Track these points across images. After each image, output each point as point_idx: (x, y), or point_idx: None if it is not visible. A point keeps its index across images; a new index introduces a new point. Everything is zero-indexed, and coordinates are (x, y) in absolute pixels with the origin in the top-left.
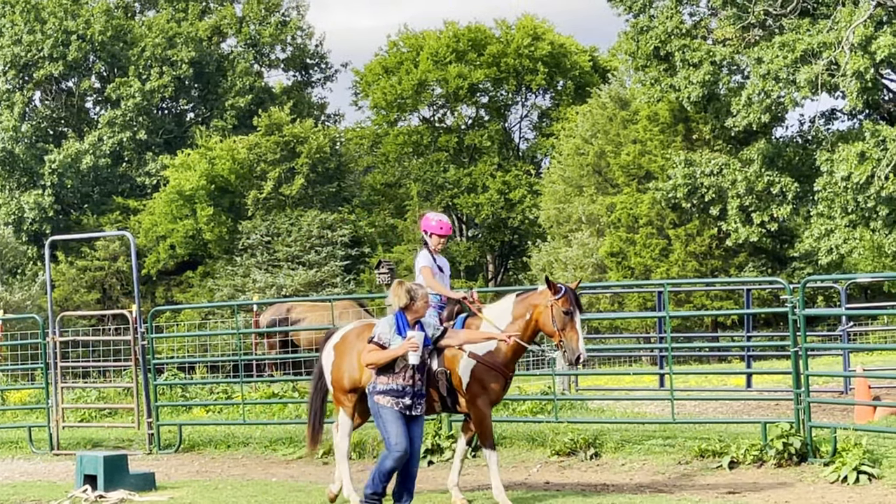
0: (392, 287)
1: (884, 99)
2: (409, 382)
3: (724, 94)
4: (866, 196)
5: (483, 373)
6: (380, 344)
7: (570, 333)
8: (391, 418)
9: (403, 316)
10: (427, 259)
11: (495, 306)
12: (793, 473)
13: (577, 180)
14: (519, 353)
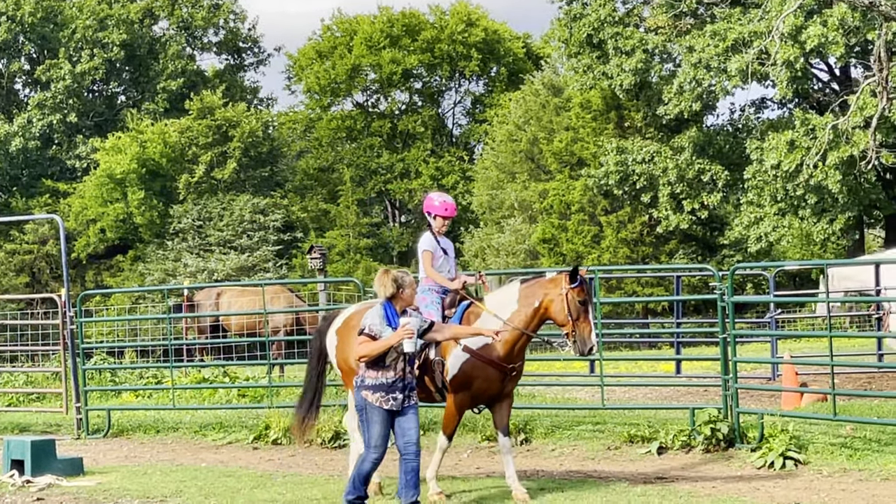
0: (377, 276)
1: (813, 88)
2: (399, 375)
3: (656, 82)
4: (795, 184)
5: (473, 368)
6: (370, 335)
7: (584, 324)
8: (377, 418)
9: (391, 306)
10: (429, 242)
11: (499, 293)
12: (720, 459)
13: (510, 167)
14: (524, 343)
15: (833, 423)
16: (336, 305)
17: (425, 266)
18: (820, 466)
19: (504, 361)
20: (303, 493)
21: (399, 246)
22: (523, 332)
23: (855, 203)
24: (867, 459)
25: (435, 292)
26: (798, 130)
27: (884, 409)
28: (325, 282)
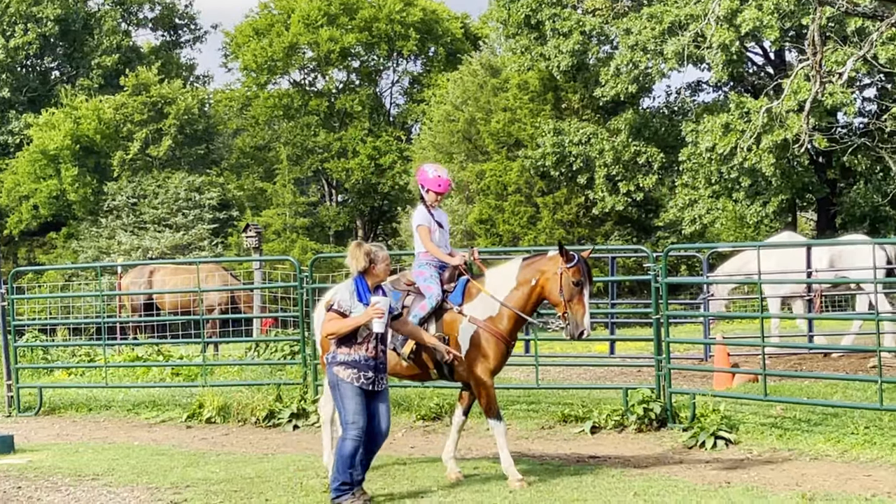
0: (350, 249)
1: (748, 71)
2: (371, 354)
3: (593, 64)
4: (729, 167)
5: (483, 339)
6: (340, 312)
7: (577, 306)
8: (350, 394)
9: (363, 281)
10: (423, 216)
11: (499, 270)
12: (652, 438)
13: (448, 147)
14: (519, 323)
15: (763, 404)
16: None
17: (424, 240)
18: (750, 446)
19: (507, 335)
20: (236, 471)
21: (336, 225)
22: (518, 314)
23: (788, 186)
24: (796, 439)
25: (433, 266)
26: (733, 114)
27: (813, 390)
28: (260, 260)
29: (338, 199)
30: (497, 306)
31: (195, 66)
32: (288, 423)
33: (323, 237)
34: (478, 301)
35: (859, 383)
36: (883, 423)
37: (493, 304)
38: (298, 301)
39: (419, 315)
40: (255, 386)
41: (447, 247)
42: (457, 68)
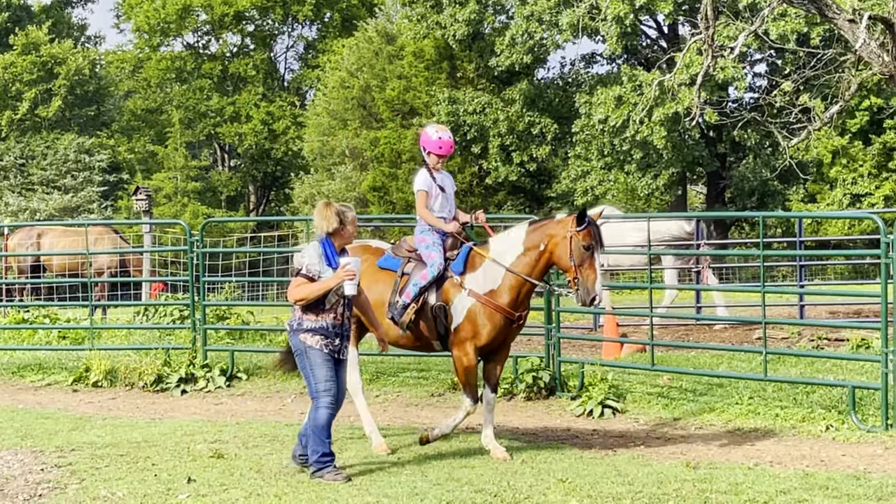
0: (318, 209)
1: (641, 44)
2: (338, 321)
3: (489, 33)
4: (622, 139)
5: (480, 314)
6: (308, 276)
7: (588, 272)
8: (319, 360)
9: (331, 243)
10: (424, 180)
11: (505, 236)
12: (541, 406)
13: (342, 114)
14: (528, 291)
15: (651, 374)
16: (162, 248)
17: (418, 206)
18: (637, 415)
19: (510, 307)
20: (123, 435)
21: (227, 190)
22: (525, 279)
23: (679, 159)
24: (682, 409)
25: (434, 233)
26: (626, 86)
27: (699, 361)
28: (150, 224)
29: (230, 163)
30: (499, 278)
31: (87, 27)
32: (176, 388)
33: (214, 202)
34: (480, 271)
35: (744, 354)
36: (766, 394)
37: (495, 275)
38: (189, 265)
39: (419, 284)
40: (143, 350)
41: (451, 212)
42: (352, 35)
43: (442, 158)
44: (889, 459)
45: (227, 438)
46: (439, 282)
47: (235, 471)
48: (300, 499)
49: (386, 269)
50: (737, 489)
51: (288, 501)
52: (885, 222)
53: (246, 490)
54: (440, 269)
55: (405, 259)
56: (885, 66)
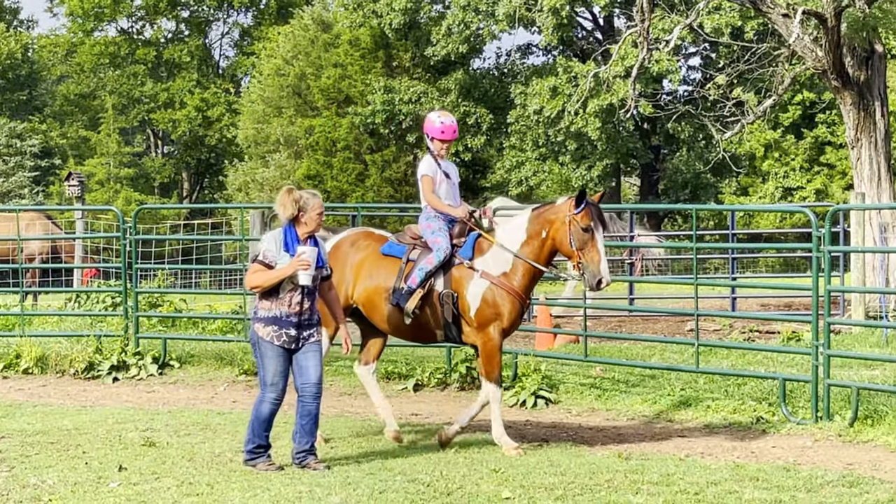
0: (279, 196)
1: (577, 36)
2: (295, 310)
3: (425, 22)
4: (556, 130)
5: (497, 296)
6: (265, 263)
7: (591, 254)
8: (270, 354)
9: (293, 229)
10: (429, 166)
11: (509, 223)
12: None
13: (277, 101)
14: (536, 277)
15: (584, 364)
16: (94, 234)
17: (425, 192)
18: (570, 406)
19: (522, 292)
20: (53, 422)
21: (161, 177)
22: (533, 265)
23: (613, 151)
24: (614, 400)
25: (440, 219)
26: (561, 77)
27: (632, 352)
28: (83, 210)
29: (164, 150)
30: (510, 260)
31: (19, 10)
32: (108, 376)
33: (147, 188)
34: (489, 256)
35: (676, 346)
36: (698, 386)
37: (506, 258)
38: (121, 252)
39: (426, 269)
40: (74, 337)
41: (456, 200)
42: (288, 22)
43: (446, 144)
44: (818, 451)
45: (159, 426)
46: (447, 269)
47: (167, 459)
48: (232, 487)
49: (390, 255)
50: (668, 480)
51: (220, 490)
52: (816, 216)
53: (178, 478)
54: (447, 254)
55: (410, 246)
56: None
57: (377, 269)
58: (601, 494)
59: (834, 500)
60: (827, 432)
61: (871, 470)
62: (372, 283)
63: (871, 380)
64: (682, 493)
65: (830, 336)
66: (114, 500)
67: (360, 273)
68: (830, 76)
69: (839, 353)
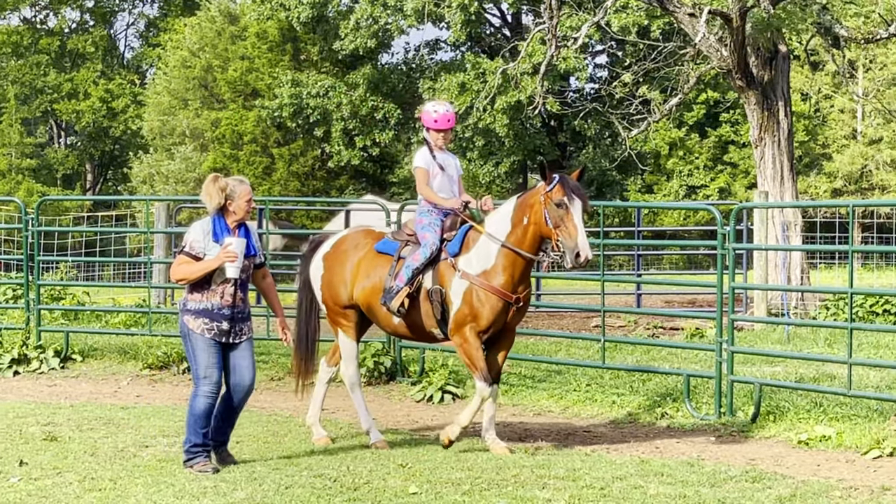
0: (205, 183)
1: (486, 32)
2: (227, 302)
3: (334, 16)
4: (464, 126)
5: (476, 296)
6: (191, 254)
7: (567, 229)
8: (201, 345)
9: (221, 219)
10: (422, 158)
11: (497, 213)
12: (382, 392)
13: (183, 93)
14: (525, 268)
15: None
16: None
17: (419, 184)
18: None
19: (506, 289)
20: None
21: (63, 168)
22: (518, 253)
23: (520, 147)
24: (521, 395)
25: (434, 213)
26: (469, 74)
27: (538, 348)
28: None
29: (67, 141)
30: (492, 258)
31: None
32: (8, 369)
33: (50, 180)
34: (474, 252)
35: (582, 342)
36: (604, 381)
37: (489, 254)
38: (23, 244)
39: (412, 266)
40: None
41: (453, 193)
42: (194, 14)
43: (442, 133)
44: (722, 447)
45: (61, 421)
46: (435, 264)
47: (69, 454)
48: (136, 482)
49: (384, 253)
50: (574, 475)
51: (123, 485)
52: (720, 214)
53: (80, 473)
54: (433, 250)
55: (403, 242)
56: (723, 61)
57: (373, 268)
58: (508, 489)
59: (737, 496)
60: (730, 428)
61: (773, 465)
62: (368, 283)
63: (773, 376)
64: (588, 487)
65: (734, 333)
66: (14, 495)
67: (358, 273)
68: (735, 76)
69: (742, 349)
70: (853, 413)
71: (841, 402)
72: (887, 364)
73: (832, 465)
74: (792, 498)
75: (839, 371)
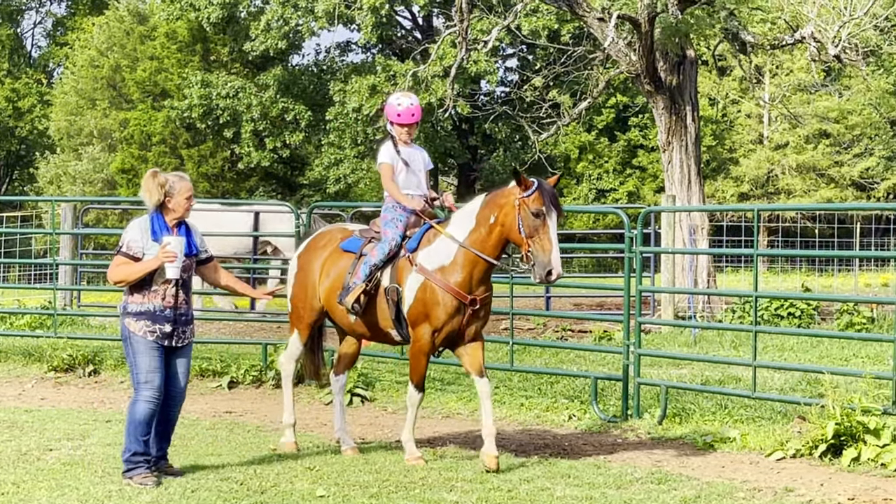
0: (144, 179)
1: (396, 35)
2: (169, 303)
3: (244, 17)
4: (375, 128)
5: (429, 293)
6: (129, 255)
7: (542, 242)
8: (143, 349)
9: (160, 216)
10: (386, 153)
11: (462, 210)
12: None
13: (91, 93)
14: (484, 270)
15: (399, 362)
16: None
17: (383, 180)
18: (385, 403)
19: (461, 289)
20: None
21: None
22: (479, 255)
23: (431, 150)
24: (430, 398)
25: (398, 209)
26: (380, 76)
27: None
28: None
29: None
30: (451, 255)
31: None
32: None
33: None
34: (433, 248)
35: (492, 344)
36: (512, 384)
37: (448, 251)
38: None
39: (370, 262)
40: None
41: (421, 189)
42: (103, 13)
43: (406, 128)
44: (628, 449)
45: None
46: (393, 261)
47: None
48: (40, 486)
49: (348, 251)
50: (482, 478)
51: (27, 489)
52: (628, 217)
53: None
54: (392, 246)
55: (367, 239)
56: (632, 65)
57: (335, 266)
58: (416, 492)
59: (643, 497)
60: (637, 430)
61: (678, 467)
62: (329, 282)
63: (680, 379)
64: (496, 490)
65: (641, 336)
66: None
67: (322, 272)
68: (644, 80)
69: (649, 352)
70: (757, 415)
71: (745, 405)
72: (791, 367)
73: (737, 467)
74: (696, 499)
75: (744, 373)
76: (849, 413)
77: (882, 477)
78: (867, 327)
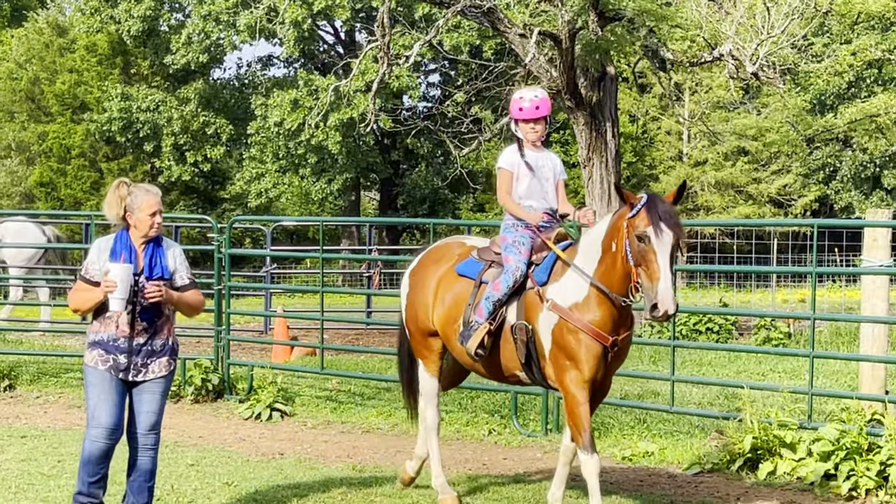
0: (108, 191)
1: (319, 49)
2: (123, 332)
3: (165, 31)
4: (297, 143)
5: (568, 334)
6: (87, 279)
7: (648, 270)
8: (93, 380)
9: (125, 235)
10: (506, 157)
11: (590, 233)
12: (209, 409)
13: (9, 106)
14: (620, 309)
15: (320, 377)
16: None
17: (499, 191)
18: (305, 418)
19: (602, 328)
20: None
21: None
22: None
23: (353, 165)
24: (350, 412)
25: (519, 229)
26: (302, 90)
27: (368, 365)
28: None
29: None
30: (585, 287)
31: None
32: None
33: None
34: (565, 279)
35: None
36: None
37: (577, 286)
38: None
39: (493, 297)
40: None
41: (546, 200)
42: (22, 25)
43: (531, 124)
44: (548, 463)
45: None
46: (522, 293)
47: None
48: None
49: (464, 276)
50: (400, 493)
51: None
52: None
53: None
54: (518, 278)
55: (487, 263)
56: (553, 81)
57: (449, 291)
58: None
59: None
60: (556, 444)
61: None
62: (443, 310)
63: None
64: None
65: None
66: None
67: (437, 295)
68: (564, 97)
69: None
70: (675, 429)
71: (664, 419)
72: (709, 381)
73: (654, 481)
74: None
75: (663, 388)
76: (766, 427)
77: (798, 490)
78: (784, 342)
